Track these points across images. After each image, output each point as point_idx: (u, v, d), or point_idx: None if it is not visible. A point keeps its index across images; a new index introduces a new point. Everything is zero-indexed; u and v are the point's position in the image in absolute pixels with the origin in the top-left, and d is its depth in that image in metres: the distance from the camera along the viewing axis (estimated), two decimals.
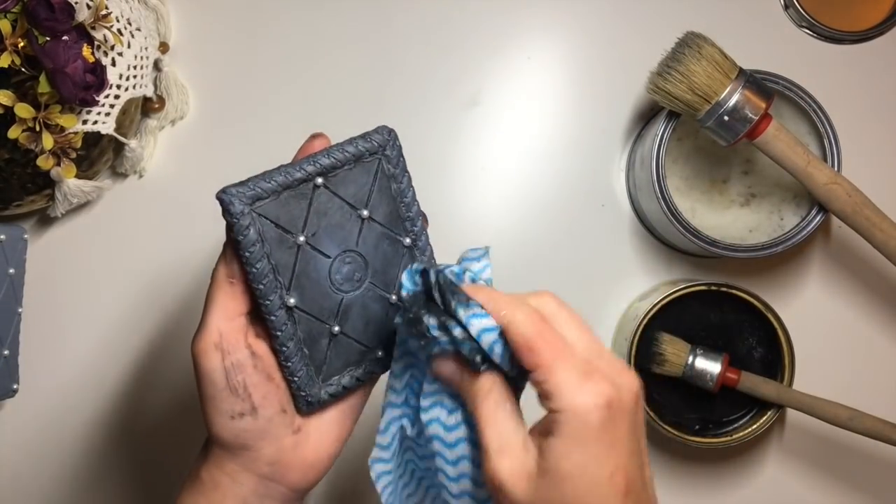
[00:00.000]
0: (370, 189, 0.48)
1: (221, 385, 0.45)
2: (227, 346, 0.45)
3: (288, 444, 0.47)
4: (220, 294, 0.46)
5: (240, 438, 0.46)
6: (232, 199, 0.44)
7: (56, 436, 0.72)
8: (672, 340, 0.65)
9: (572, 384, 0.38)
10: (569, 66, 0.73)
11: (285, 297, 0.46)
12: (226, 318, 0.46)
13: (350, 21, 0.72)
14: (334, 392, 0.48)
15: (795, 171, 0.62)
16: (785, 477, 0.72)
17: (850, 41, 0.72)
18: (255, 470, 0.47)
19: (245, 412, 0.46)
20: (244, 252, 0.45)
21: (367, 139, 0.47)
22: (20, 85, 0.59)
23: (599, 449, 0.38)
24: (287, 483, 0.47)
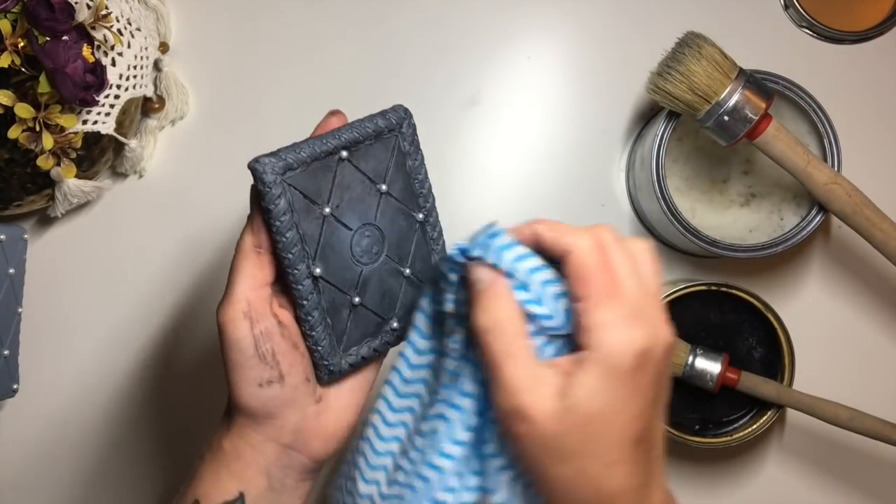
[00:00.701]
0: (388, 164, 0.49)
1: (250, 353, 0.46)
2: (255, 314, 0.46)
3: (311, 413, 0.48)
4: (246, 263, 0.46)
5: (266, 406, 0.46)
6: (265, 168, 0.45)
7: (56, 436, 0.72)
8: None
9: (614, 325, 0.39)
10: (569, 66, 0.73)
11: (312, 266, 0.47)
12: (253, 286, 0.46)
13: (349, 21, 0.72)
14: (354, 362, 0.49)
15: (795, 171, 0.62)
16: (785, 477, 0.72)
17: (850, 41, 0.72)
18: (278, 439, 0.47)
19: (273, 380, 0.46)
20: (275, 221, 0.45)
21: (385, 116, 0.49)
22: (20, 85, 0.59)
23: (625, 393, 0.39)
24: (308, 452, 0.48)
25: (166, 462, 0.72)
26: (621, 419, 0.39)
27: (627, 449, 0.39)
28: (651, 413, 0.40)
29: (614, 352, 0.38)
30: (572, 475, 0.39)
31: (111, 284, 0.72)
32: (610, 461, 0.39)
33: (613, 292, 0.40)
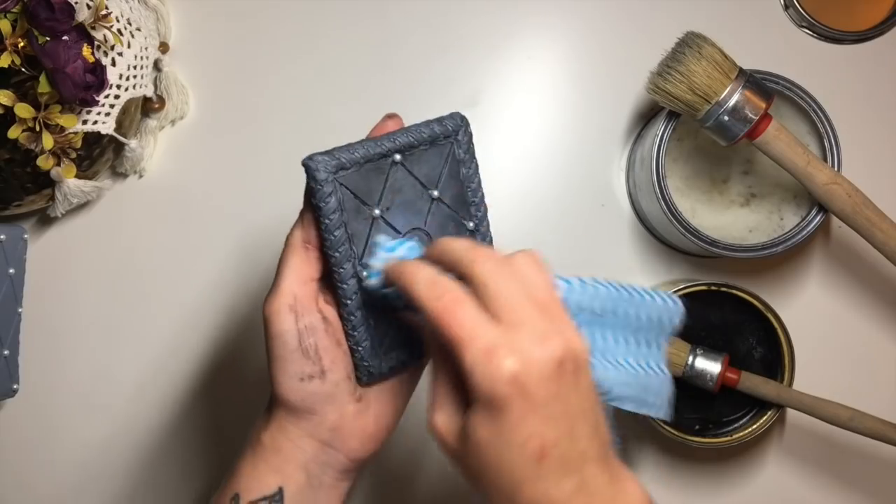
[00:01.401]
0: (441, 171, 0.49)
1: (293, 346, 0.46)
2: (300, 308, 0.46)
3: (350, 412, 0.48)
4: (294, 258, 0.47)
5: (307, 401, 0.47)
6: (318, 166, 0.45)
7: (56, 436, 0.72)
8: (672, 340, 0.65)
9: (477, 366, 0.39)
10: (569, 66, 0.73)
11: (358, 266, 0.47)
12: (300, 281, 0.47)
13: (349, 21, 0.72)
14: (394, 366, 0.49)
15: (795, 171, 0.62)
16: (785, 477, 0.72)
17: (850, 41, 0.72)
18: (317, 435, 0.47)
19: (315, 374, 0.46)
20: (325, 219, 0.46)
21: (441, 123, 0.49)
22: (20, 85, 0.59)
23: (506, 423, 0.39)
24: (346, 451, 0.48)
25: (166, 462, 0.72)
26: (512, 443, 0.40)
27: (529, 469, 0.40)
28: (555, 429, 0.40)
29: (484, 389, 0.39)
30: (490, 492, 0.41)
31: (111, 284, 0.72)
32: (513, 484, 0.40)
33: (466, 336, 0.40)
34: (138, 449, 0.72)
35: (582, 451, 0.41)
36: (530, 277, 0.42)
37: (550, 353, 0.40)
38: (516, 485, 0.40)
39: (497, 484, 0.40)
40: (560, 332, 0.41)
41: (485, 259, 0.42)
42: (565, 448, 0.40)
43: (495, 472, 0.40)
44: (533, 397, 0.39)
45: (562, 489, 0.40)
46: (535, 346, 0.40)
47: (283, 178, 0.72)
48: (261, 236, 0.72)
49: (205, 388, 0.72)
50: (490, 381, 0.39)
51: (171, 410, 0.72)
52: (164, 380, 0.72)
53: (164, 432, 0.72)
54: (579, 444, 0.41)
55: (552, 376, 0.40)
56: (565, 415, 0.40)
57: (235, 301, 0.72)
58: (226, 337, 0.72)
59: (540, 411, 0.40)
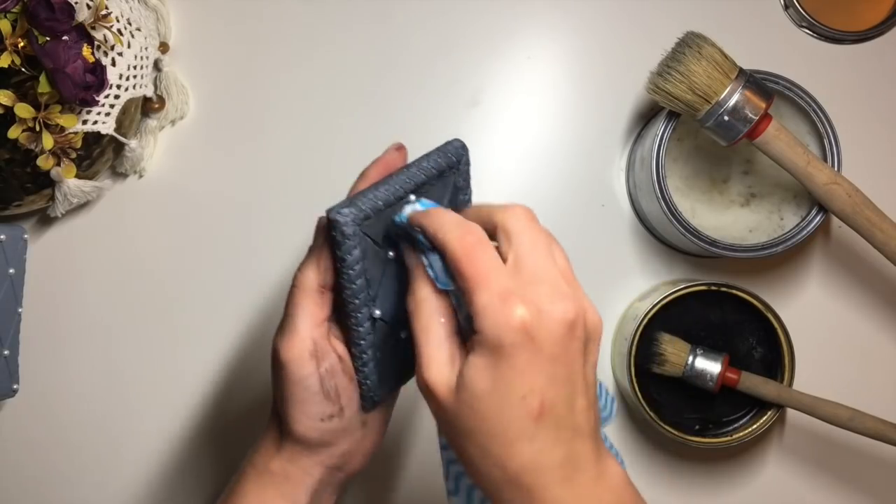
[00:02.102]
0: (446, 202, 0.49)
1: (315, 390, 0.47)
2: (320, 353, 0.47)
3: (358, 436, 0.49)
4: (308, 301, 0.47)
5: (326, 437, 0.48)
6: (346, 220, 0.44)
7: (56, 436, 0.72)
8: (672, 340, 0.65)
9: (488, 307, 0.39)
10: (569, 66, 0.73)
11: (373, 309, 0.47)
12: (314, 324, 0.47)
13: (350, 21, 0.72)
14: (391, 389, 0.50)
15: (795, 171, 0.62)
16: (785, 477, 0.72)
17: (850, 41, 0.72)
18: (327, 462, 0.49)
19: (335, 414, 0.47)
20: (347, 270, 0.45)
21: (445, 154, 0.49)
22: (20, 85, 0.59)
23: (510, 371, 0.39)
24: (349, 470, 0.50)
25: (166, 461, 0.72)
26: (511, 396, 0.39)
27: (526, 424, 0.39)
28: (556, 390, 0.40)
29: (491, 332, 0.39)
30: (478, 455, 0.40)
31: (111, 284, 0.72)
32: (508, 439, 0.39)
33: (487, 278, 0.40)
34: (138, 449, 0.72)
35: (576, 424, 0.41)
36: (555, 245, 0.43)
37: (563, 313, 0.40)
38: (509, 443, 0.39)
39: (489, 441, 0.40)
40: (577, 299, 0.41)
41: (519, 213, 0.42)
42: (562, 414, 0.40)
43: (489, 427, 0.40)
44: (540, 351, 0.39)
45: (552, 456, 0.40)
46: (550, 303, 0.40)
47: (284, 177, 0.72)
48: (261, 236, 0.72)
49: (205, 387, 0.72)
50: (500, 325, 0.39)
51: (171, 410, 0.72)
52: (164, 380, 0.72)
53: (163, 432, 0.72)
54: (575, 415, 0.41)
55: (562, 337, 0.40)
56: (567, 380, 0.40)
57: (235, 301, 0.72)
58: (225, 337, 0.72)
59: (545, 367, 0.39)
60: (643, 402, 0.65)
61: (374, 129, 0.72)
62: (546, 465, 0.40)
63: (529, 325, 0.39)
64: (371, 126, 0.72)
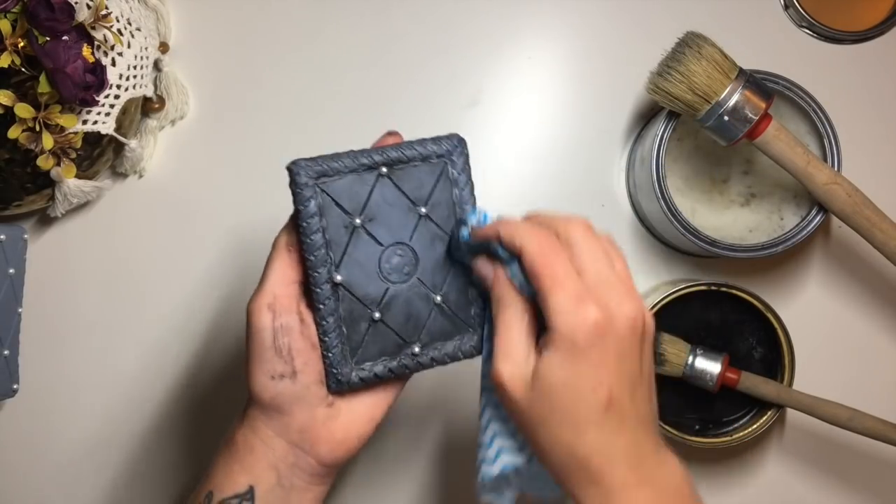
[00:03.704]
0: (432, 189, 0.49)
1: (268, 344, 0.47)
2: (278, 307, 0.47)
3: (320, 416, 0.49)
4: (278, 260, 0.48)
5: (276, 400, 0.48)
6: (299, 171, 0.47)
7: (56, 436, 0.72)
8: (672, 340, 0.65)
9: (564, 307, 0.43)
10: (569, 66, 0.73)
11: (333, 272, 0.48)
12: (281, 283, 0.48)
13: (350, 21, 0.72)
14: (365, 377, 0.49)
15: (795, 171, 0.62)
16: (785, 477, 0.72)
17: (850, 41, 0.72)
18: (285, 436, 0.48)
19: (286, 374, 0.48)
20: (302, 222, 0.47)
21: (437, 142, 0.50)
22: (20, 85, 0.59)
23: (583, 366, 0.43)
24: (315, 454, 0.49)
25: (166, 461, 0.72)
26: (583, 388, 0.43)
27: (595, 414, 0.43)
28: (622, 383, 0.44)
29: (567, 330, 0.43)
30: (548, 440, 0.44)
31: (111, 284, 0.72)
32: (579, 426, 0.43)
33: (562, 280, 0.43)
34: (138, 448, 0.72)
35: (638, 414, 0.45)
36: (614, 252, 0.46)
37: (629, 313, 0.44)
38: (580, 430, 0.43)
39: (562, 426, 0.43)
40: (637, 299, 0.45)
41: (579, 224, 0.46)
42: (626, 404, 0.44)
43: (561, 416, 0.43)
44: (609, 349, 0.43)
45: (618, 442, 0.43)
46: (617, 304, 0.44)
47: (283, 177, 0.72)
48: (260, 236, 0.72)
49: (205, 388, 0.72)
50: (576, 324, 0.43)
51: (171, 410, 0.72)
52: (164, 379, 0.72)
53: (163, 432, 0.72)
54: (637, 406, 0.45)
55: (628, 335, 0.44)
56: (630, 374, 0.44)
57: (235, 301, 0.72)
58: (225, 337, 0.72)
59: (612, 362, 0.43)
60: None
61: (374, 128, 0.71)
62: (613, 450, 0.43)
63: (601, 324, 0.43)
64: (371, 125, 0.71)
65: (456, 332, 0.50)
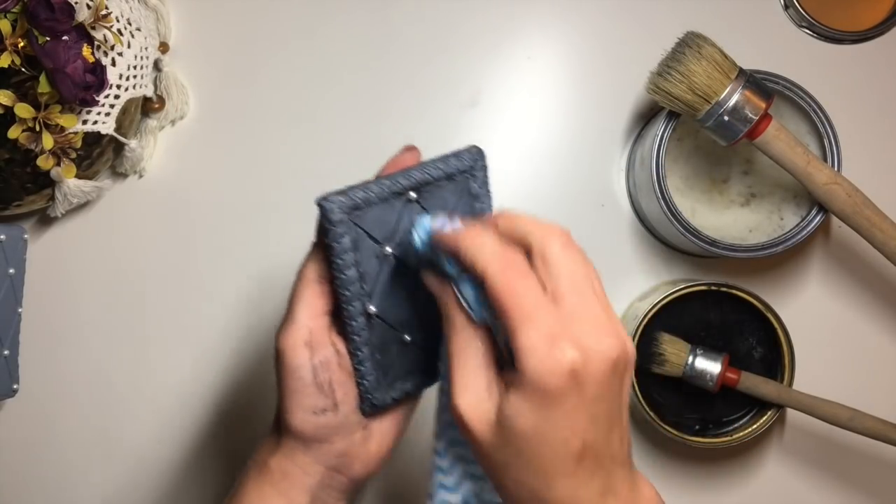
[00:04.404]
0: (455, 206, 0.49)
1: (308, 381, 0.46)
2: (315, 343, 0.46)
3: (357, 439, 0.48)
4: (308, 292, 0.47)
5: (320, 432, 0.47)
6: (332, 207, 0.45)
7: (56, 436, 0.72)
8: (672, 340, 0.65)
9: (535, 348, 0.38)
10: (569, 66, 0.73)
11: (367, 304, 0.47)
12: (313, 315, 0.47)
13: (350, 21, 0.72)
14: (398, 397, 0.49)
15: (795, 171, 0.62)
16: (785, 477, 0.72)
17: (850, 41, 0.72)
18: (324, 462, 0.48)
19: (328, 408, 0.47)
20: (336, 259, 0.46)
21: (459, 158, 0.48)
22: (20, 85, 0.59)
23: (556, 413, 0.38)
24: (351, 475, 0.49)
25: (166, 461, 0.72)
26: (555, 438, 0.38)
27: (568, 465, 0.39)
28: (596, 429, 0.39)
29: (538, 375, 0.38)
30: (513, 486, 0.40)
31: (111, 284, 0.72)
32: (548, 477, 0.39)
33: (532, 314, 0.38)
34: (138, 448, 0.72)
35: (613, 454, 0.40)
36: (591, 269, 0.41)
37: (609, 352, 0.39)
38: (549, 479, 0.39)
39: (527, 476, 0.39)
40: (618, 332, 0.40)
41: (556, 236, 0.41)
42: (600, 449, 0.40)
43: (529, 464, 0.39)
44: (585, 394, 0.38)
45: (590, 489, 0.40)
46: (596, 342, 0.39)
47: (283, 177, 0.72)
48: (261, 236, 0.72)
49: (204, 387, 0.72)
50: (548, 368, 0.38)
51: (171, 410, 0.72)
52: (164, 380, 0.72)
53: (163, 432, 0.72)
54: (612, 446, 0.40)
55: (606, 376, 0.39)
56: (607, 416, 0.40)
57: (235, 301, 0.72)
58: (226, 337, 0.72)
59: (588, 409, 0.39)
60: (643, 402, 0.65)
61: (373, 128, 0.72)
62: (584, 496, 0.40)
63: (578, 368, 0.38)
64: (371, 125, 0.72)
65: None
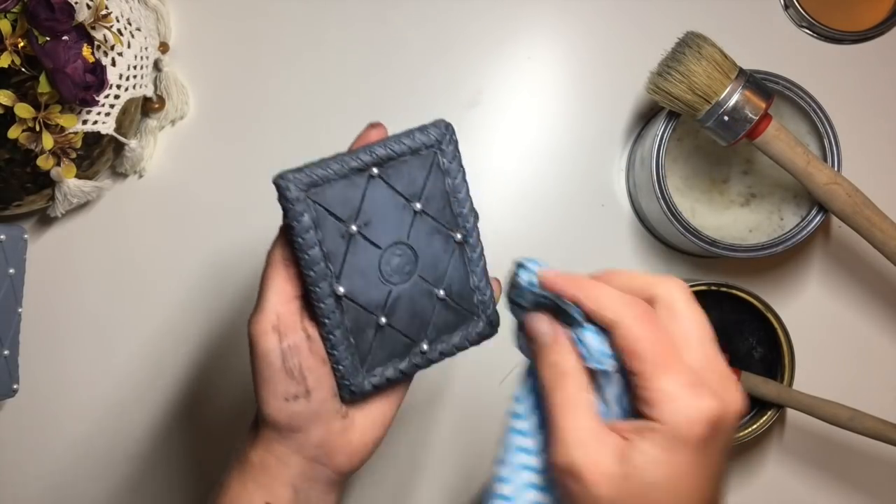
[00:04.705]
0: (424, 182, 0.47)
1: (277, 367, 0.46)
2: (283, 328, 0.46)
3: (336, 428, 0.48)
4: (276, 276, 0.46)
5: (293, 420, 0.46)
6: (288, 185, 0.44)
7: (56, 436, 0.72)
8: None
9: (677, 396, 0.38)
10: (569, 66, 0.73)
11: (335, 285, 0.46)
12: (282, 300, 0.46)
13: (350, 21, 0.72)
14: (378, 383, 0.48)
15: (795, 171, 0.62)
16: (785, 477, 0.72)
17: (850, 41, 0.72)
18: (303, 452, 0.47)
19: (299, 394, 0.46)
20: (298, 237, 0.45)
21: (424, 132, 0.47)
22: (20, 85, 0.59)
23: (692, 464, 0.38)
24: (333, 466, 0.48)
25: (167, 461, 0.72)
26: (686, 489, 0.38)
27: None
28: (717, 483, 0.39)
29: (683, 423, 0.37)
30: None
31: (111, 284, 0.72)
32: None
33: (671, 362, 0.38)
34: (138, 449, 0.72)
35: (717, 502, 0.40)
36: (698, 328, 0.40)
37: (738, 404, 0.39)
38: None
39: None
40: (739, 386, 0.40)
41: (683, 290, 0.41)
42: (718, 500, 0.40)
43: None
44: (719, 445, 0.38)
45: None
46: (728, 392, 0.39)
47: None
48: (260, 236, 0.72)
49: (204, 388, 0.72)
50: (690, 416, 0.37)
51: (172, 410, 0.72)
52: (164, 380, 0.72)
53: (163, 433, 0.72)
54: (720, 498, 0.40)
55: (733, 428, 0.39)
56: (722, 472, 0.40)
57: (235, 301, 0.72)
58: (225, 337, 0.72)
59: (715, 463, 0.39)
60: None
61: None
62: None
63: (717, 417, 0.38)
64: None
65: (461, 322, 0.49)
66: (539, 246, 0.72)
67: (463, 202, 0.49)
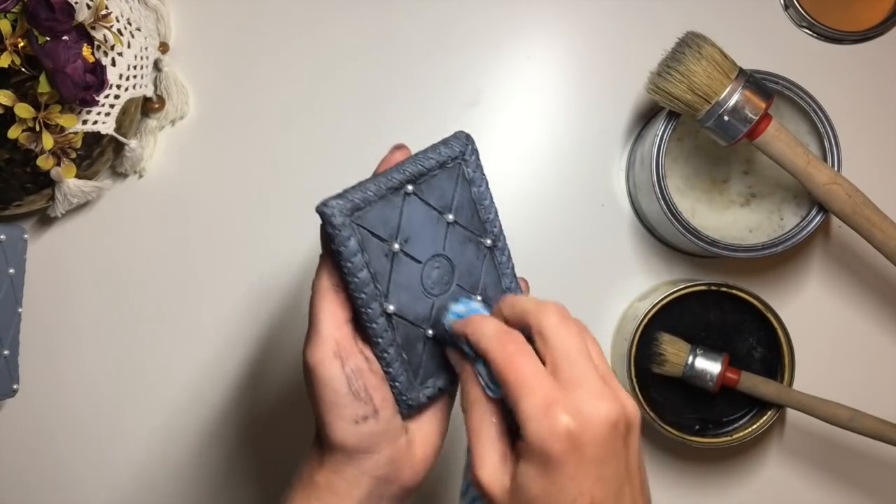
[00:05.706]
0: (453, 194, 0.49)
1: (343, 391, 0.46)
2: (343, 353, 0.47)
3: (402, 444, 0.48)
4: (326, 303, 0.47)
5: (364, 442, 0.47)
6: (333, 212, 0.45)
7: (56, 436, 0.72)
8: (672, 340, 0.65)
9: (534, 417, 0.41)
10: (569, 66, 0.73)
11: (385, 304, 0.47)
12: (336, 325, 0.47)
13: (350, 21, 0.72)
14: (432, 394, 0.49)
15: (795, 171, 0.62)
16: (785, 477, 0.72)
17: (850, 41, 0.72)
18: (372, 472, 0.48)
19: (368, 415, 0.47)
20: (346, 262, 0.46)
21: (448, 145, 0.49)
22: (20, 85, 0.59)
23: (560, 478, 0.40)
24: (400, 482, 0.49)
25: (166, 461, 0.72)
26: (563, 500, 0.41)
27: None
28: (603, 487, 0.41)
29: (538, 441, 0.41)
30: None
31: (111, 284, 0.72)
32: None
33: (527, 385, 0.42)
34: (138, 449, 0.72)
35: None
36: (589, 339, 0.44)
37: (606, 415, 0.41)
38: None
39: None
40: (615, 396, 0.42)
41: (551, 313, 0.44)
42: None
43: None
44: (585, 456, 0.41)
45: None
46: (591, 406, 0.41)
47: (284, 177, 0.72)
48: (261, 236, 0.72)
49: (204, 388, 0.72)
50: (545, 434, 0.40)
51: (170, 410, 0.72)
52: (164, 380, 0.72)
53: (163, 432, 0.72)
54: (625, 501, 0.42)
55: (606, 437, 0.41)
56: (615, 476, 0.42)
57: (235, 301, 0.72)
58: (225, 337, 0.72)
59: (592, 469, 0.41)
60: (643, 403, 0.65)
61: (374, 128, 0.72)
62: None
63: (573, 431, 0.40)
64: (371, 125, 0.72)
65: None
66: (539, 246, 0.72)
67: (489, 209, 0.50)
